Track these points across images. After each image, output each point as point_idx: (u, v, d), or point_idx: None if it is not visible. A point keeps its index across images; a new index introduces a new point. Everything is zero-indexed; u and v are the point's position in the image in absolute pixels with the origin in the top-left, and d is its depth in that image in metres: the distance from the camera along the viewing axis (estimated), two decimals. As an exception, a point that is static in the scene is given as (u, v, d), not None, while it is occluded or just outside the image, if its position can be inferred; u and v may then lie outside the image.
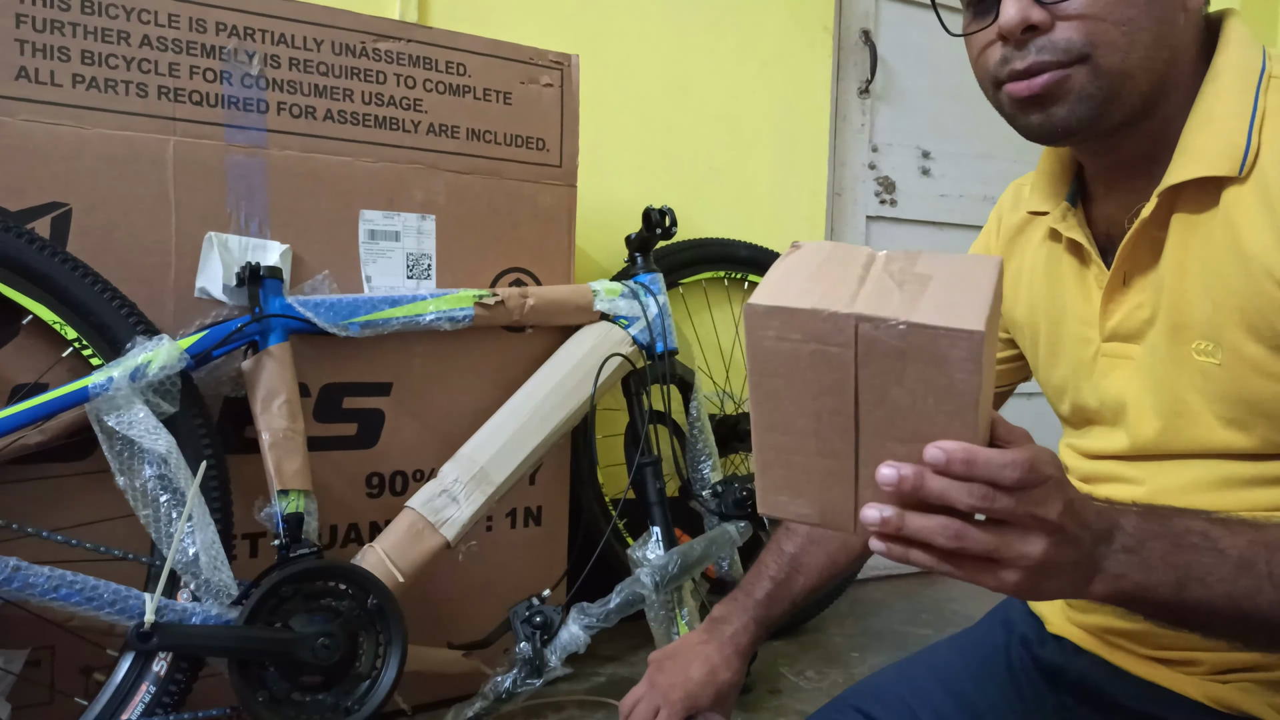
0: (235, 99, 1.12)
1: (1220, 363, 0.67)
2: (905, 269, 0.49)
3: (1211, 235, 0.67)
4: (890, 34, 2.02)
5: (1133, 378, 0.75)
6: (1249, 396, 0.67)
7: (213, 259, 1.11)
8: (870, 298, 0.47)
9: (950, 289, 0.47)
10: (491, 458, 1.19)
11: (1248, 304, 0.65)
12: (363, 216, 1.21)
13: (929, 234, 2.11)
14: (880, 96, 2.03)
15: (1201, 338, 0.69)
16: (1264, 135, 0.65)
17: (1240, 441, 0.68)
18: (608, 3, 1.70)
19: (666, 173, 1.76)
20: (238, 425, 1.13)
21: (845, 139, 1.99)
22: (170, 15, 1.08)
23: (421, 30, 1.26)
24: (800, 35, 1.91)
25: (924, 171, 2.09)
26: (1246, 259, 0.65)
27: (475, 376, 1.29)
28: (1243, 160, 0.65)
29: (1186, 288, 0.69)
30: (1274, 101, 0.66)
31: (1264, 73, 0.67)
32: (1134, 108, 0.69)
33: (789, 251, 0.54)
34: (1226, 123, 0.66)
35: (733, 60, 1.83)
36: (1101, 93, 0.67)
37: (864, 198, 2.03)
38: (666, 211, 1.42)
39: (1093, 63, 0.66)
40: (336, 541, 1.21)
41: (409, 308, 1.18)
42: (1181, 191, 0.68)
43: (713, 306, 1.79)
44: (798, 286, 0.49)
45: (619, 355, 1.31)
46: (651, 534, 1.30)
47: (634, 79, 1.73)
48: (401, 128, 1.23)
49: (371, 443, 1.23)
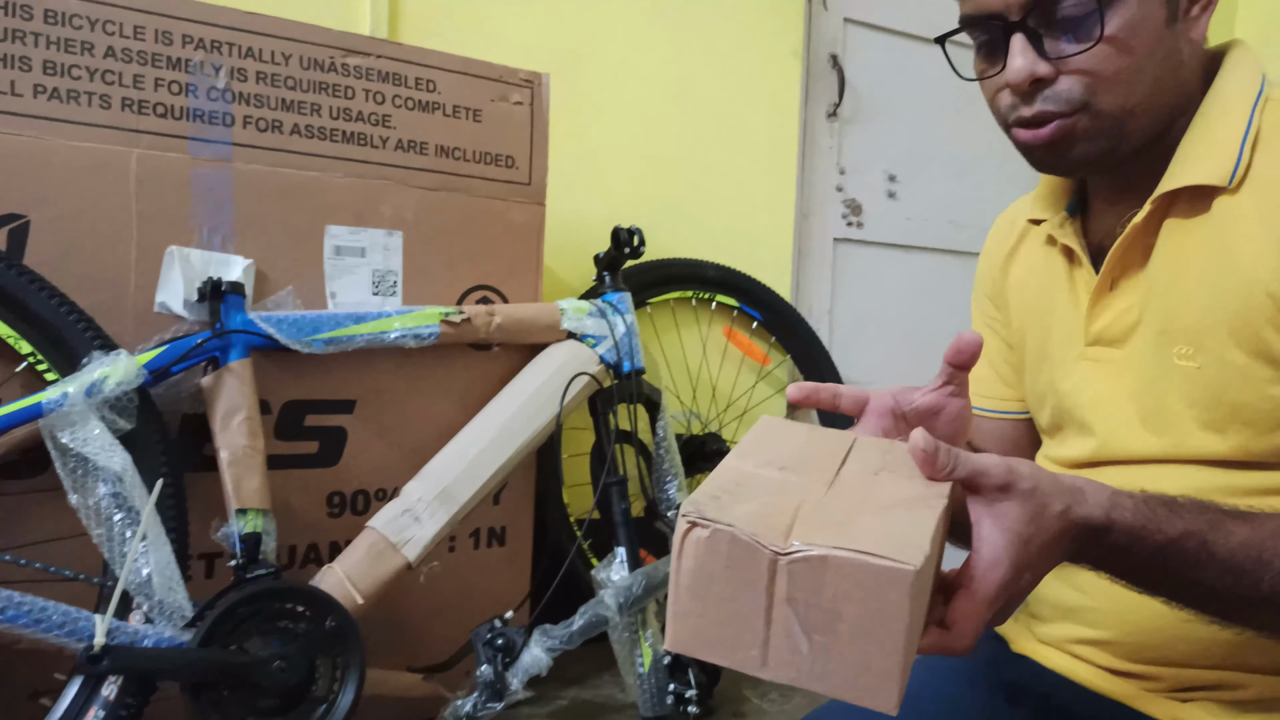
0: (200, 112, 1.11)
1: (1200, 366, 0.69)
2: (810, 600, 0.46)
3: (1202, 243, 0.70)
4: (858, 59, 2.05)
5: (1112, 381, 0.77)
6: (1228, 401, 0.69)
7: (174, 273, 1.09)
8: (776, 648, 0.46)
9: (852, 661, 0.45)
10: (456, 477, 1.18)
11: (1234, 311, 0.68)
12: (329, 232, 1.20)
13: (895, 256, 2.13)
14: (848, 120, 2.05)
15: (1184, 342, 0.71)
16: (1258, 151, 0.68)
17: (1216, 446, 0.70)
18: (579, 24, 1.71)
19: (636, 192, 1.76)
20: (196, 442, 1.11)
21: (813, 161, 2.01)
22: (136, 27, 1.06)
23: (391, 46, 1.26)
24: (770, 58, 1.92)
25: (890, 194, 2.11)
26: (1236, 267, 0.67)
27: (440, 395, 1.28)
28: (1233, 172, 0.68)
29: (1173, 293, 0.71)
30: (1269, 121, 0.69)
31: (1261, 95, 0.70)
32: (1139, 139, 0.72)
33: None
34: (1221, 137, 0.69)
35: (703, 82, 1.85)
36: (1106, 133, 0.70)
37: (831, 219, 2.05)
38: (635, 231, 1.43)
39: (1095, 109, 0.69)
40: (296, 562, 1.19)
41: (373, 324, 1.17)
42: (1175, 199, 0.71)
43: (680, 326, 1.79)
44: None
45: (586, 374, 1.31)
46: (616, 555, 1.30)
47: (605, 99, 1.73)
48: (370, 143, 1.22)
49: (333, 461, 1.21)
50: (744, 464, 0.53)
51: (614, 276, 1.45)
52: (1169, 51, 0.69)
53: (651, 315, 1.74)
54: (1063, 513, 0.55)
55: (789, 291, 1.95)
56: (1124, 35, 0.68)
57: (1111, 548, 0.58)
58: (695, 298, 1.77)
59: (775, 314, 1.84)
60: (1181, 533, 0.59)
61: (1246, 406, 0.69)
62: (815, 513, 0.47)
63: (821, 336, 1.89)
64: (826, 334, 2.00)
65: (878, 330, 2.11)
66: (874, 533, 0.46)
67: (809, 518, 0.47)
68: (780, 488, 0.50)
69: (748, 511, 0.47)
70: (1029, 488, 0.54)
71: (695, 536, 0.46)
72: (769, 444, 0.56)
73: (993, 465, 0.54)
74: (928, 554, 0.44)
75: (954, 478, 0.53)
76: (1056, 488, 0.56)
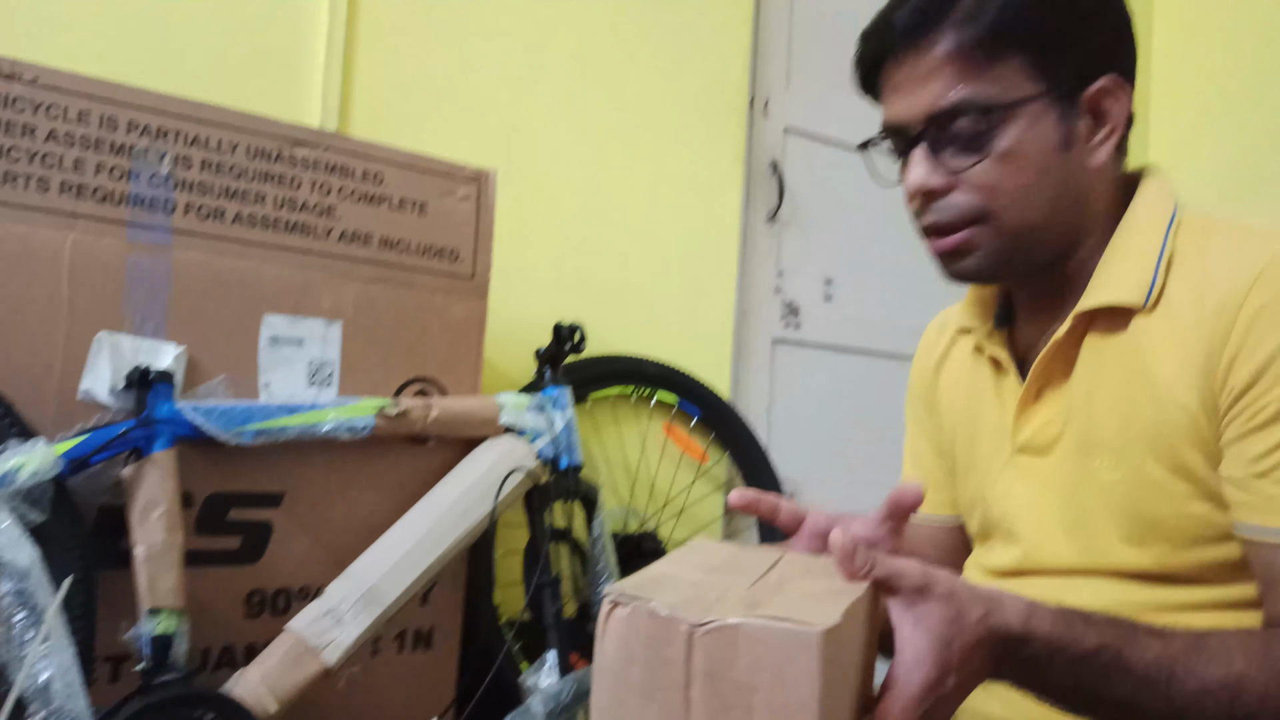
0: (142, 197, 1.10)
1: (1121, 478, 0.72)
2: (725, 674, 0.46)
3: (1121, 359, 0.73)
4: (797, 166, 2.13)
5: (1037, 490, 0.79)
6: (1148, 514, 0.71)
7: (102, 360, 1.06)
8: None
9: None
10: (383, 576, 1.15)
11: (1152, 427, 0.70)
12: (266, 321, 1.18)
13: (831, 357, 2.18)
14: (786, 224, 2.11)
15: (1106, 455, 0.73)
16: (1172, 272, 0.72)
17: (1137, 559, 0.72)
18: (528, 124, 1.75)
19: (579, 289, 1.78)
20: (112, 537, 1.06)
21: (752, 263, 2.06)
22: (81, 112, 1.06)
23: (340, 139, 1.27)
24: (712, 163, 1.98)
25: (827, 297, 2.17)
26: (1153, 384, 0.70)
27: (373, 489, 1.25)
28: (1149, 293, 0.71)
29: (1094, 406, 0.74)
30: (1182, 243, 0.73)
31: (1174, 220, 0.74)
32: (1042, 256, 0.76)
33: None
34: (1137, 259, 0.73)
35: (647, 184, 1.89)
36: (1004, 248, 0.74)
37: (769, 320, 2.09)
38: (577, 327, 1.44)
39: (992, 223, 0.73)
40: (209, 665, 1.14)
41: (306, 416, 1.15)
42: (1095, 317, 0.74)
43: (620, 422, 1.79)
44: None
45: (523, 470, 1.30)
46: (547, 659, 1.27)
47: (551, 197, 1.76)
48: (313, 234, 1.22)
49: (255, 557, 1.17)
50: (671, 567, 0.54)
51: (554, 371, 1.45)
52: (1065, 175, 0.73)
53: (591, 411, 1.74)
54: (982, 618, 0.56)
55: (728, 389, 1.98)
56: (1015, 155, 0.72)
57: (1030, 659, 0.59)
58: (635, 394, 1.78)
59: (714, 411, 1.85)
60: (1097, 645, 0.60)
61: (1165, 521, 0.71)
62: (737, 599, 0.48)
63: (760, 434, 1.91)
64: (765, 432, 2.01)
65: (814, 429, 2.14)
66: (788, 608, 0.46)
67: (729, 602, 0.47)
68: (705, 583, 0.51)
69: (670, 597, 0.47)
70: (946, 591, 0.55)
71: (617, 616, 0.47)
72: (698, 554, 0.58)
73: (910, 567, 0.55)
74: (836, 622, 0.45)
75: (872, 577, 0.55)
76: (974, 595, 0.57)
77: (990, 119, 0.71)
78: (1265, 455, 0.66)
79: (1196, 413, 0.69)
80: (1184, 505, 0.71)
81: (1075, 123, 0.73)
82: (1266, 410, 0.66)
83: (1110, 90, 0.73)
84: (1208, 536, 0.71)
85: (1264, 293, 0.66)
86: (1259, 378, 0.66)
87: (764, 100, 2.08)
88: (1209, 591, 0.72)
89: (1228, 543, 0.70)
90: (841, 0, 2.20)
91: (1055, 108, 0.72)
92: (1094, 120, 0.74)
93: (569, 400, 1.41)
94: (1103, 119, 0.74)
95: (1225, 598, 0.72)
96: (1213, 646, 0.63)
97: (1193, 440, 0.69)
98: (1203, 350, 0.68)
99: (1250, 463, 0.66)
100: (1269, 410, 0.66)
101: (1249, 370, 0.66)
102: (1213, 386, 0.68)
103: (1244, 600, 0.71)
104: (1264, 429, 0.66)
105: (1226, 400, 0.68)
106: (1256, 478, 0.66)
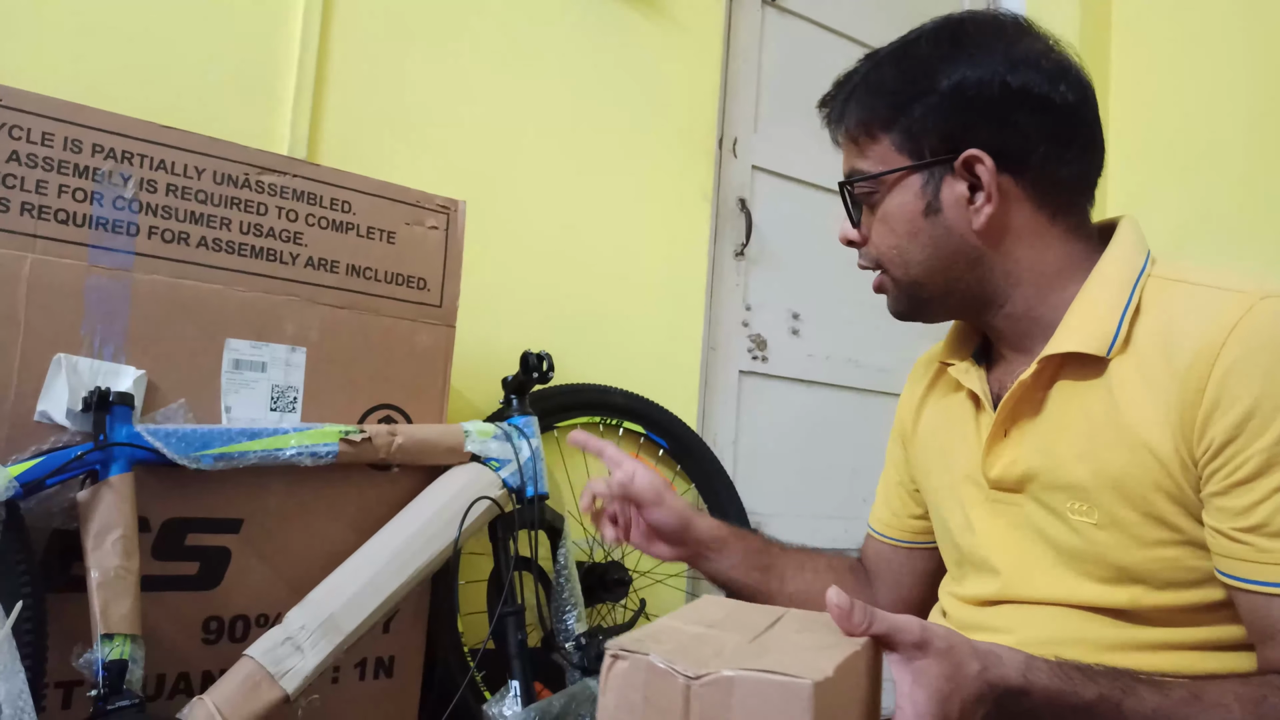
0: (104, 220, 1.09)
1: (1096, 522, 0.73)
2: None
3: (1092, 406, 0.75)
4: (764, 203, 2.16)
5: (1013, 528, 0.80)
6: (1121, 558, 0.72)
7: (59, 381, 1.05)
8: None
9: None
10: (344, 604, 1.14)
11: (1124, 474, 0.72)
12: (229, 345, 1.18)
13: (798, 390, 2.20)
14: (754, 260, 2.14)
15: (1078, 499, 0.75)
16: (1139, 323, 0.74)
17: (1113, 598, 0.73)
18: (498, 154, 1.76)
19: (547, 319, 1.79)
20: (64, 561, 1.05)
21: (720, 297, 2.08)
22: (45, 134, 1.06)
23: (308, 167, 1.27)
24: (682, 199, 2.01)
25: (794, 331, 2.19)
26: (1125, 433, 0.72)
27: (334, 516, 1.24)
28: (1111, 343, 0.74)
29: (1065, 450, 0.76)
30: (1150, 295, 0.75)
31: (1144, 272, 0.76)
32: (955, 304, 0.84)
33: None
34: (1103, 309, 0.76)
35: (617, 218, 1.91)
36: (905, 293, 0.85)
37: (737, 353, 2.10)
38: (544, 356, 1.44)
39: (889, 273, 0.85)
40: (164, 692, 1.11)
41: (268, 441, 1.14)
42: (1065, 362, 0.77)
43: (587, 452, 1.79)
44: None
45: (487, 498, 1.29)
46: (510, 688, 1.25)
47: (520, 228, 1.78)
48: (279, 259, 1.22)
49: (213, 584, 1.15)
50: (673, 622, 0.56)
51: (521, 400, 1.45)
52: (939, 236, 0.80)
53: (558, 440, 1.73)
54: (980, 673, 0.57)
55: (696, 421, 1.98)
56: (888, 218, 0.83)
57: (1029, 712, 0.59)
58: (603, 423, 1.78)
59: (681, 442, 1.85)
60: (1096, 698, 0.61)
61: (1138, 565, 0.72)
62: (734, 653, 0.50)
63: (726, 466, 1.91)
64: (731, 464, 2.02)
65: (781, 462, 2.15)
66: (783, 661, 0.48)
67: (727, 655, 0.49)
68: (705, 638, 0.53)
69: (669, 649, 0.49)
70: (944, 647, 0.57)
71: (617, 668, 0.49)
72: (702, 610, 0.60)
73: (908, 623, 0.57)
74: (829, 675, 0.46)
75: (870, 633, 0.56)
76: (972, 650, 0.58)
77: (871, 186, 0.83)
78: (1252, 509, 0.67)
79: (1170, 462, 0.70)
80: (1157, 550, 0.72)
81: (943, 191, 0.80)
82: (1249, 464, 0.67)
83: (976, 161, 0.78)
84: (1183, 580, 0.72)
85: (1236, 348, 0.67)
86: (1239, 432, 0.67)
87: (732, 139, 2.12)
88: (1187, 632, 0.73)
89: (1204, 586, 0.72)
90: (807, 45, 2.26)
91: (920, 178, 0.80)
92: (970, 189, 0.79)
93: (535, 429, 1.41)
94: (977, 187, 0.79)
95: (1206, 638, 0.73)
96: (1210, 697, 0.63)
97: (1164, 489, 0.71)
98: (1175, 403, 0.69)
99: (1236, 516, 0.68)
100: (1251, 464, 0.67)
101: (1227, 425, 0.67)
102: (1189, 439, 0.69)
103: (1223, 641, 0.72)
104: (1249, 483, 0.67)
105: (1205, 455, 0.69)
106: (1245, 531, 0.67)
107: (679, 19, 2.02)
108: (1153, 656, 0.72)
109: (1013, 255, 0.80)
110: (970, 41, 0.79)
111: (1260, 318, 0.68)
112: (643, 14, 1.96)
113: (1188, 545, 0.71)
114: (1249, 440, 0.67)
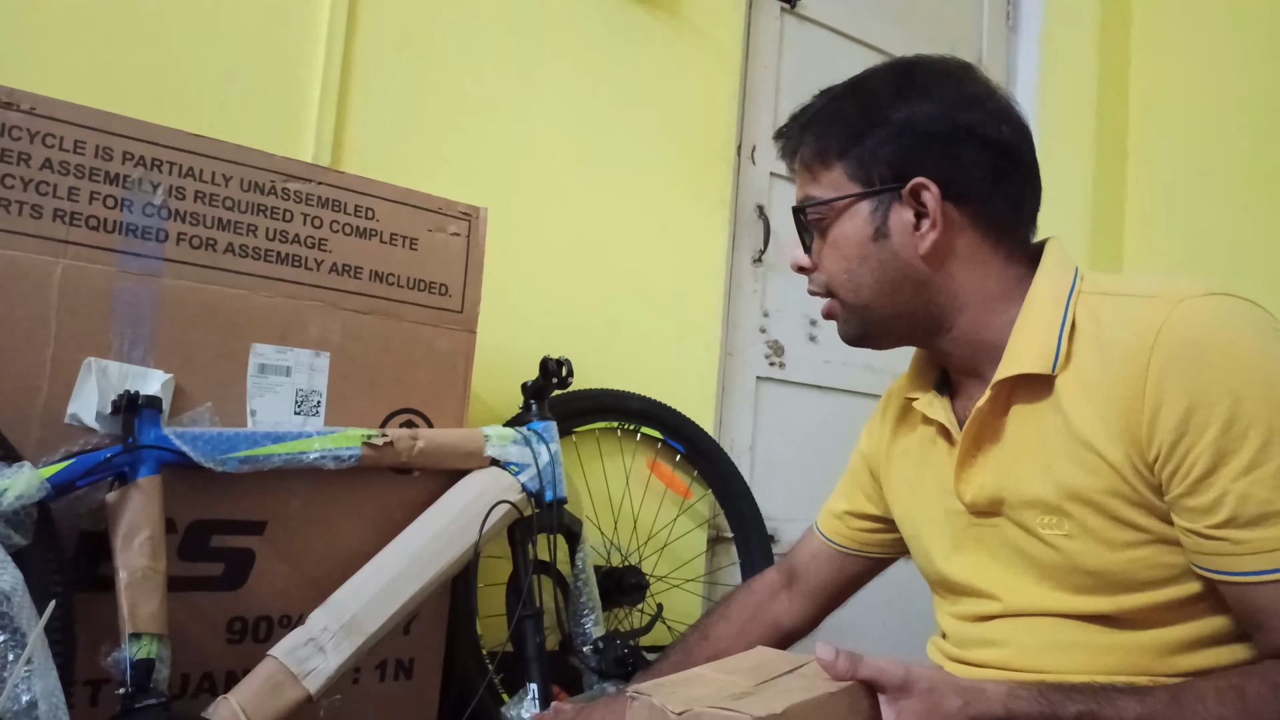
0: (134, 226, 1.11)
1: (1068, 533, 0.76)
2: None
3: (1046, 424, 0.78)
4: (783, 210, 2.17)
5: (994, 549, 0.82)
6: (1096, 565, 0.75)
7: (89, 384, 1.07)
8: None
9: None
10: (364, 605, 1.15)
11: (1082, 483, 0.74)
12: (254, 350, 1.20)
13: (814, 396, 2.20)
14: (772, 266, 2.15)
15: (1047, 514, 0.77)
16: (1076, 339, 0.78)
17: (1096, 605, 0.76)
18: (518, 163, 1.78)
19: (567, 325, 1.80)
20: (91, 561, 1.07)
21: (738, 303, 2.09)
22: (77, 141, 1.08)
23: (334, 174, 1.29)
24: (700, 206, 2.02)
25: (811, 338, 2.20)
26: (1079, 445, 0.75)
27: (357, 518, 1.25)
28: (1054, 361, 0.77)
29: (1023, 470, 0.79)
30: (1082, 312, 0.79)
31: (1073, 290, 0.80)
32: (902, 329, 0.88)
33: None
34: (1042, 330, 0.79)
35: (636, 224, 1.93)
36: (855, 317, 0.88)
37: (754, 359, 2.11)
38: (564, 362, 1.45)
39: (839, 298, 0.87)
40: (189, 691, 1.13)
41: (293, 444, 1.16)
42: (1017, 385, 0.80)
43: (604, 456, 1.80)
44: None
45: (506, 502, 1.30)
46: (528, 691, 1.26)
47: (539, 234, 1.79)
48: (304, 265, 1.24)
49: (238, 584, 1.17)
50: (707, 670, 0.65)
51: (540, 405, 1.46)
52: (886, 260, 0.84)
53: (576, 444, 1.75)
54: (962, 708, 0.62)
55: (713, 426, 1.99)
56: (838, 242, 0.86)
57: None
58: (620, 429, 1.79)
59: (698, 448, 1.86)
60: (1077, 713, 0.64)
61: (1111, 568, 0.75)
62: (723, 695, 0.58)
63: (743, 471, 1.92)
64: (748, 469, 2.03)
65: (797, 467, 2.15)
66: (754, 702, 0.56)
67: (720, 697, 0.57)
68: (719, 683, 0.61)
69: (681, 694, 0.58)
70: (926, 688, 0.62)
71: (633, 708, 0.59)
72: (742, 660, 0.68)
73: (891, 668, 0.64)
74: (774, 712, 0.55)
75: (857, 678, 0.63)
76: (954, 687, 0.63)
77: (823, 212, 0.86)
78: (1217, 505, 0.69)
79: (1123, 468, 0.73)
80: (1129, 551, 0.75)
81: (891, 217, 0.83)
82: (1202, 459, 0.70)
83: (923, 189, 0.82)
84: (1160, 578, 0.75)
85: (1164, 353, 0.71)
86: (1184, 429, 0.70)
87: (751, 146, 2.13)
88: (1178, 630, 0.75)
89: (1180, 582, 0.74)
90: (825, 53, 2.27)
91: (869, 205, 0.84)
92: (916, 216, 0.83)
93: (554, 434, 1.42)
94: (922, 214, 0.83)
95: (1199, 634, 0.75)
96: (1189, 699, 0.66)
97: (1121, 494, 0.74)
98: (1118, 411, 0.73)
99: (1205, 514, 0.70)
100: (1205, 459, 0.70)
101: (1171, 426, 0.71)
102: (1139, 445, 0.73)
103: (1218, 634, 0.74)
104: (1207, 479, 0.70)
105: (1158, 459, 0.72)
106: (1218, 528, 0.70)
107: (699, 26, 2.03)
108: (1153, 659, 0.74)
109: (956, 279, 0.84)
110: (922, 80, 0.85)
111: (1180, 320, 0.72)
112: (663, 22, 1.98)
113: (1158, 543, 0.74)
114: (1196, 436, 0.70)
